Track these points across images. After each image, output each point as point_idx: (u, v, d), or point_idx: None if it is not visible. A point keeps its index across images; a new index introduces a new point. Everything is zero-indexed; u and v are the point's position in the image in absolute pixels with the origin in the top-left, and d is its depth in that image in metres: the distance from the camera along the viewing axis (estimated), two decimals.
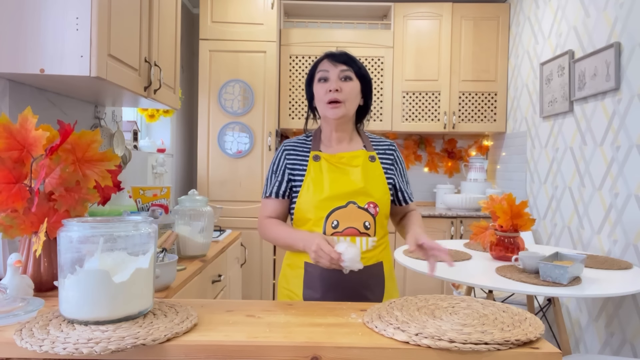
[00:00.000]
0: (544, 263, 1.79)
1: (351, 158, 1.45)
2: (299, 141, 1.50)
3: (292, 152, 1.48)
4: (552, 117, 3.08)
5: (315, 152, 1.45)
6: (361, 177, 1.41)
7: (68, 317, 0.96)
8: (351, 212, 1.38)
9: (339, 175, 1.41)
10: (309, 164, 1.43)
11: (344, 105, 1.42)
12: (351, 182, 1.40)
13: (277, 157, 1.49)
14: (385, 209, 1.44)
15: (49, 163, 1.22)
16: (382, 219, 1.43)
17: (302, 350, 0.89)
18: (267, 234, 1.47)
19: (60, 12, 1.48)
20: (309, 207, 1.40)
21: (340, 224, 1.37)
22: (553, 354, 0.88)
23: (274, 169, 1.48)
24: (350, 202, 1.38)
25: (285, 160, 1.46)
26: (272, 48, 3.54)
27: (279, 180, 1.46)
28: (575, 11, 2.83)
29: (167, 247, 1.50)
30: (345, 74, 1.42)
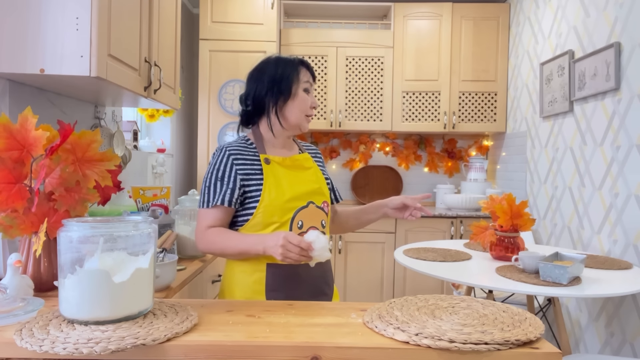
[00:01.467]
0: (543, 263, 1.79)
1: (304, 160, 1.50)
2: (241, 145, 1.44)
3: (240, 157, 1.41)
4: (552, 117, 3.08)
5: (265, 156, 1.42)
6: (315, 178, 1.48)
7: (68, 317, 0.96)
8: (311, 212, 1.43)
9: (295, 177, 1.44)
10: (263, 168, 1.40)
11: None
12: (308, 183, 1.45)
13: (220, 162, 1.40)
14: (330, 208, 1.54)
15: (49, 163, 1.22)
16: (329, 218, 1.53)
17: (302, 350, 0.89)
18: (213, 245, 1.36)
19: (60, 12, 1.48)
20: (274, 210, 1.37)
21: (304, 224, 1.41)
22: (553, 354, 0.88)
23: (219, 176, 1.38)
24: (310, 202, 1.43)
25: (235, 166, 1.39)
26: (272, 48, 3.54)
27: (231, 188, 1.37)
28: (575, 11, 2.83)
29: (167, 247, 1.50)
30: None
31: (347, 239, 3.61)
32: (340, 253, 3.61)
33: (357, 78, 3.84)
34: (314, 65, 3.84)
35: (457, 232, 3.61)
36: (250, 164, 1.41)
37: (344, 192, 4.25)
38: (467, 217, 3.61)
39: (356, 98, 3.85)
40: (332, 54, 3.82)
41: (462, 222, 3.60)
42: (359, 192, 4.18)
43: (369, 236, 3.59)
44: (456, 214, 3.60)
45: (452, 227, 3.61)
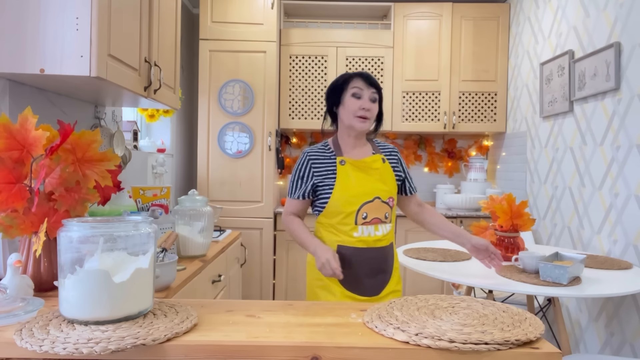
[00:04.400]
0: (544, 263, 1.79)
1: (372, 162, 1.76)
2: (319, 150, 1.78)
3: (317, 160, 1.75)
4: (552, 117, 3.08)
5: (340, 158, 1.74)
6: (381, 177, 1.74)
7: (68, 317, 0.96)
8: (376, 206, 1.71)
9: (364, 176, 1.72)
10: (337, 168, 1.72)
11: (369, 122, 1.74)
12: (374, 181, 1.73)
13: (301, 165, 1.76)
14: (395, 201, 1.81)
15: (49, 163, 1.22)
16: (394, 210, 1.79)
17: (302, 350, 0.89)
18: (289, 229, 1.81)
19: (60, 12, 1.48)
20: (342, 202, 1.69)
21: (369, 215, 1.70)
22: (553, 354, 0.88)
23: (300, 175, 1.76)
24: (376, 197, 1.71)
25: (312, 168, 1.74)
26: (272, 48, 3.54)
27: (307, 185, 1.74)
28: (575, 11, 2.83)
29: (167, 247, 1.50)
30: (374, 96, 1.73)
31: None
32: None
33: None
34: (314, 65, 3.84)
35: None
36: (325, 165, 1.74)
37: None
38: (467, 217, 3.61)
39: None
40: (332, 54, 3.82)
41: (462, 222, 3.60)
42: None
43: None
44: (456, 214, 3.60)
45: None
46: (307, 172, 1.75)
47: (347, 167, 1.73)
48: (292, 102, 3.85)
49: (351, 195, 1.69)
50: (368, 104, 1.71)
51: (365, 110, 1.71)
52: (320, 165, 1.74)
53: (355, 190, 1.70)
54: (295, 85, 3.84)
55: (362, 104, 1.70)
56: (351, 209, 1.69)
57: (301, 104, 3.85)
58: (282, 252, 3.63)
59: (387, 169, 1.78)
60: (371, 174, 1.74)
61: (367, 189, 1.71)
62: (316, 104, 3.85)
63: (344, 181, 1.71)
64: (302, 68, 3.84)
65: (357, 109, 1.71)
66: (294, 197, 1.78)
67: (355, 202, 1.69)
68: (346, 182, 1.71)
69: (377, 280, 1.72)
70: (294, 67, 3.84)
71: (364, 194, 1.70)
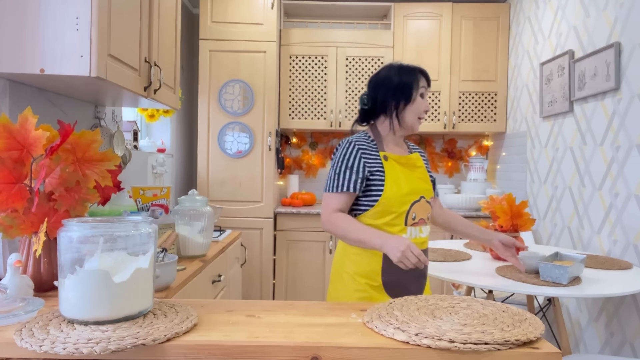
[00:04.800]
0: (544, 263, 1.79)
1: (415, 160, 1.68)
2: (365, 141, 1.62)
3: (365, 150, 1.60)
4: (552, 117, 3.08)
5: (384, 153, 1.61)
6: (424, 176, 1.67)
7: (68, 317, 0.96)
8: (422, 205, 1.62)
9: (409, 174, 1.62)
10: (384, 164, 1.59)
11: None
12: (420, 180, 1.64)
13: (349, 153, 1.58)
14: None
15: (49, 163, 1.22)
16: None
17: (302, 350, 0.89)
18: (337, 228, 1.54)
19: (60, 12, 1.48)
20: (394, 202, 1.56)
21: (417, 215, 1.60)
22: (553, 354, 0.88)
23: (348, 165, 1.57)
24: (422, 197, 1.62)
25: (362, 158, 1.57)
26: (272, 48, 3.54)
27: (360, 177, 1.56)
28: (575, 11, 2.83)
29: (167, 247, 1.50)
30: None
31: None
32: None
33: (357, 78, 3.84)
34: (314, 65, 3.84)
35: None
36: (373, 158, 1.59)
37: None
38: (467, 217, 3.60)
39: (356, 98, 3.85)
40: (332, 54, 3.82)
41: None
42: None
43: None
44: None
45: None
46: (358, 162, 1.57)
47: (392, 163, 1.61)
48: (292, 102, 3.85)
49: (403, 193, 1.57)
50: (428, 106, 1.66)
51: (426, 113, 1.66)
52: (370, 158, 1.59)
53: (406, 188, 1.58)
54: (295, 85, 3.84)
55: (426, 105, 1.64)
56: (403, 209, 1.57)
57: (301, 104, 3.85)
58: (282, 252, 3.63)
59: (425, 169, 1.71)
60: (415, 172, 1.65)
61: (414, 187, 1.61)
62: (316, 104, 3.85)
63: (394, 177, 1.58)
64: (302, 68, 3.84)
65: (423, 110, 1.64)
66: (341, 190, 1.56)
67: (406, 200, 1.57)
68: (396, 178, 1.58)
69: (419, 286, 1.63)
70: (294, 67, 3.84)
71: (413, 193, 1.59)
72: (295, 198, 3.83)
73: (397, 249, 1.41)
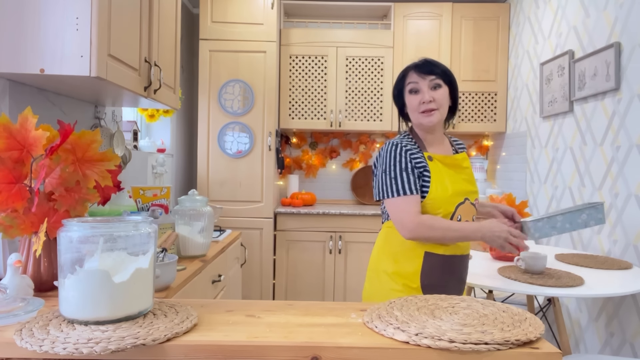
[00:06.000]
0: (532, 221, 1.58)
1: (462, 160, 1.61)
2: (409, 142, 1.57)
3: (412, 152, 1.54)
4: (552, 117, 3.08)
5: (427, 154, 1.56)
6: (469, 177, 1.61)
7: (68, 317, 0.96)
8: (467, 208, 1.57)
9: (454, 174, 1.57)
10: (429, 165, 1.54)
11: (439, 112, 1.55)
12: (466, 182, 1.58)
13: (400, 156, 1.52)
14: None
15: (49, 163, 1.22)
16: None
17: (302, 350, 0.89)
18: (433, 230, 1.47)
19: (60, 12, 1.48)
20: (440, 203, 1.51)
21: (462, 218, 1.56)
22: (553, 354, 0.88)
23: (403, 167, 1.51)
24: (467, 199, 1.56)
25: (412, 160, 1.53)
26: (272, 48, 3.54)
27: (415, 178, 1.51)
28: (575, 11, 2.83)
29: (167, 247, 1.50)
30: (435, 82, 1.55)
31: (347, 239, 3.61)
32: (340, 253, 3.61)
33: (357, 78, 3.84)
34: (314, 65, 3.84)
35: None
36: (419, 159, 1.54)
37: (344, 192, 4.25)
38: None
39: (356, 98, 3.85)
40: (332, 54, 3.82)
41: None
42: (359, 192, 4.18)
43: (369, 236, 3.59)
44: None
45: None
46: (410, 163, 1.52)
47: (437, 163, 1.55)
48: (292, 102, 3.85)
49: (448, 194, 1.51)
50: (428, 95, 1.53)
51: (427, 103, 1.53)
52: (416, 158, 1.54)
53: (451, 190, 1.52)
54: (295, 85, 3.84)
55: (421, 97, 1.54)
56: (448, 211, 1.52)
57: (301, 104, 3.85)
58: (282, 252, 3.63)
59: (471, 170, 1.65)
60: (460, 173, 1.59)
61: (459, 188, 1.55)
62: (316, 104, 3.85)
63: (439, 178, 1.52)
64: (302, 68, 3.84)
65: (418, 104, 1.55)
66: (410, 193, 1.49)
67: (452, 202, 1.52)
68: (441, 179, 1.53)
69: (458, 291, 1.59)
70: (294, 67, 3.84)
71: (457, 194, 1.53)
72: (295, 198, 3.83)
73: (498, 236, 1.43)
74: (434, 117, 1.54)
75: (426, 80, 1.54)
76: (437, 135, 1.62)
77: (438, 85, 1.55)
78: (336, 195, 4.26)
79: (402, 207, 1.49)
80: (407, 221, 1.48)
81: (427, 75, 1.54)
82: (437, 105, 1.54)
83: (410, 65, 1.59)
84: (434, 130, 1.60)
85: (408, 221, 1.48)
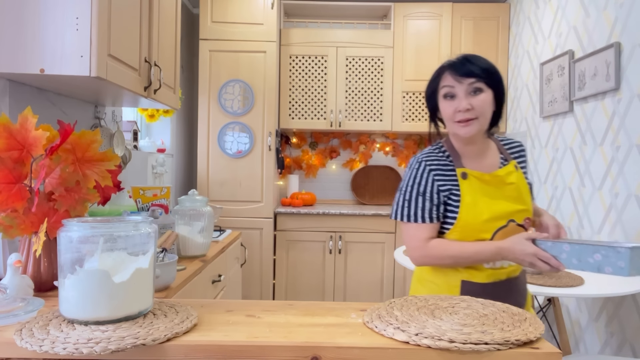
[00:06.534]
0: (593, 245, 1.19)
1: (505, 175, 1.37)
2: (438, 157, 1.37)
3: (439, 171, 1.35)
4: (552, 117, 3.08)
5: (462, 170, 1.34)
6: (517, 194, 1.36)
7: (68, 317, 0.96)
8: (511, 231, 1.32)
9: (495, 195, 1.33)
10: (460, 184, 1.33)
11: (478, 122, 1.31)
12: (510, 201, 1.34)
13: (421, 177, 1.34)
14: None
15: (49, 163, 1.22)
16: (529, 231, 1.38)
17: (302, 350, 0.89)
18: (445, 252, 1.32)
19: (60, 12, 1.48)
20: (470, 232, 1.31)
21: None
22: (553, 354, 0.88)
23: (421, 191, 1.33)
24: (511, 221, 1.33)
25: (435, 182, 1.33)
26: (272, 48, 3.54)
27: (435, 204, 1.33)
28: (575, 11, 2.83)
29: (167, 247, 1.50)
30: (474, 86, 1.31)
31: (347, 239, 3.61)
32: (340, 253, 3.61)
33: (357, 78, 3.84)
34: (314, 65, 3.84)
35: None
36: (449, 178, 1.34)
37: (344, 192, 4.25)
38: None
39: (356, 98, 3.85)
40: (332, 54, 3.82)
41: None
42: (359, 192, 4.18)
43: (369, 236, 3.59)
44: None
45: None
46: (431, 187, 1.33)
47: (472, 182, 1.33)
48: (292, 102, 3.85)
49: (482, 220, 1.30)
50: (465, 103, 1.30)
51: (464, 112, 1.30)
52: (444, 178, 1.34)
53: (486, 214, 1.30)
54: (295, 85, 3.84)
55: (457, 105, 1.31)
56: (482, 237, 1.31)
57: (301, 104, 3.85)
58: (282, 252, 3.63)
59: (521, 180, 1.39)
60: (504, 191, 1.34)
61: (500, 211, 1.31)
62: (316, 104, 3.85)
63: (471, 202, 1.31)
64: (302, 68, 3.84)
65: (453, 112, 1.32)
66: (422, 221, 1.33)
67: (487, 229, 1.31)
68: (474, 203, 1.31)
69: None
70: (294, 67, 3.84)
71: (497, 218, 1.31)
72: (295, 198, 3.83)
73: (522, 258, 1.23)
74: (472, 128, 1.31)
75: (464, 84, 1.31)
76: (477, 146, 1.38)
77: (478, 89, 1.31)
78: (336, 195, 4.26)
79: (411, 233, 1.36)
80: (414, 250, 1.36)
81: (464, 78, 1.31)
82: (475, 114, 1.30)
83: (445, 63, 1.37)
84: (473, 142, 1.37)
85: (414, 250, 1.36)
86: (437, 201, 1.33)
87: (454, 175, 1.34)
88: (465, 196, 1.31)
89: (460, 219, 1.31)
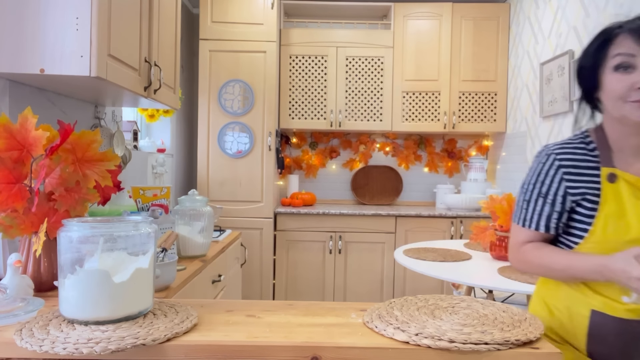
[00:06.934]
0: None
1: None
2: (576, 150, 1.10)
3: (573, 169, 1.09)
4: (552, 117, 3.08)
5: (609, 170, 1.06)
6: None
7: (68, 317, 0.96)
8: None
9: None
10: (602, 187, 1.06)
11: None
12: None
13: (546, 173, 1.11)
14: None
15: (49, 163, 1.22)
16: None
17: (302, 350, 0.89)
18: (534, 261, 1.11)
19: (60, 12, 1.48)
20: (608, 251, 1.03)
21: None
22: (553, 354, 0.88)
23: (544, 192, 1.11)
24: None
25: (564, 182, 1.08)
26: (272, 48, 3.54)
27: (557, 211, 1.10)
28: (575, 11, 2.83)
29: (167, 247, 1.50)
30: None
31: (347, 239, 3.61)
32: (340, 253, 3.61)
33: (357, 78, 3.85)
34: (314, 65, 3.84)
35: (457, 232, 3.61)
36: (587, 179, 1.08)
37: (344, 192, 4.25)
38: (467, 217, 3.61)
39: (356, 98, 3.85)
40: (332, 54, 3.82)
41: (462, 222, 3.60)
42: (359, 192, 4.18)
43: (369, 236, 3.59)
44: (456, 214, 3.60)
45: (452, 227, 3.61)
46: (556, 188, 1.09)
47: (622, 187, 1.04)
48: (292, 102, 3.85)
49: (627, 239, 1.02)
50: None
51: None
52: (578, 178, 1.08)
53: (635, 232, 1.02)
54: (295, 85, 3.85)
55: (635, 79, 1.01)
56: None
57: (301, 104, 3.85)
58: (282, 252, 3.63)
59: None
60: None
61: None
62: (316, 104, 3.85)
63: (615, 213, 1.04)
64: (302, 68, 3.84)
65: (627, 89, 1.02)
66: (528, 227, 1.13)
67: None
68: (619, 214, 1.03)
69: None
70: (294, 67, 3.84)
71: None
72: (295, 198, 3.83)
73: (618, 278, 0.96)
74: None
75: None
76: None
77: None
78: (336, 195, 4.26)
79: (513, 231, 1.17)
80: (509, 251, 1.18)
81: None
82: None
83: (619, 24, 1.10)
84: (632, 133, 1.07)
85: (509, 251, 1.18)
86: (560, 207, 1.09)
87: (596, 176, 1.07)
88: (608, 203, 1.04)
89: (594, 234, 1.06)
